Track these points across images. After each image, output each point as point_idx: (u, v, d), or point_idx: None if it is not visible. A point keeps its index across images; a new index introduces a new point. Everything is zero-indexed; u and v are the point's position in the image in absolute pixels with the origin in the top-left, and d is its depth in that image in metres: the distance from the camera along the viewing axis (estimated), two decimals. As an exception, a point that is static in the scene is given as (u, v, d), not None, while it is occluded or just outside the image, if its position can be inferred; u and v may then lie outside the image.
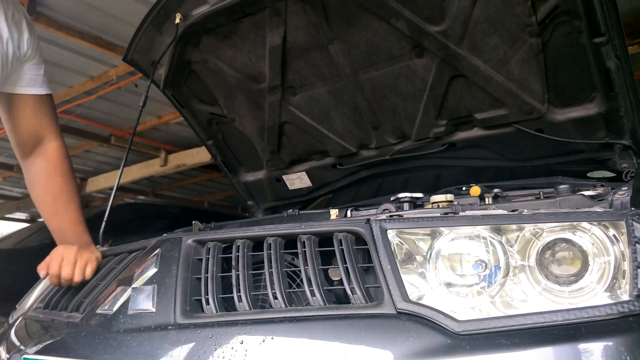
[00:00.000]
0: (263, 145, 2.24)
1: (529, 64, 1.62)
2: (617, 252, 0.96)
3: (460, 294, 1.03)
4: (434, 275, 1.04)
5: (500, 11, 1.53)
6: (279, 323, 1.04)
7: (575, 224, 1.01)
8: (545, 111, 1.71)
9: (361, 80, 1.88)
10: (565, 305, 0.96)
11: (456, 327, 0.93)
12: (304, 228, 1.18)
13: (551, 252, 1.01)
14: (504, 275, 1.02)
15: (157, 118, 6.09)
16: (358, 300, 1.04)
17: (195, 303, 1.15)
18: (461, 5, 1.55)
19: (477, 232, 1.05)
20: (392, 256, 1.04)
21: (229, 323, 1.07)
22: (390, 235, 1.07)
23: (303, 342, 0.99)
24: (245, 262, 1.16)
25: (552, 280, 0.99)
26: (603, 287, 0.96)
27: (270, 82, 1.95)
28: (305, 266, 1.11)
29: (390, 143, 2.06)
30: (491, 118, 1.82)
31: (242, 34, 1.83)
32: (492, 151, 1.97)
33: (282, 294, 1.09)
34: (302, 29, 1.78)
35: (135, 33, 1.87)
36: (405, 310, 0.98)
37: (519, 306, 1.00)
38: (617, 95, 1.57)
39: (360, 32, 1.75)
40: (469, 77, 1.72)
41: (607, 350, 0.87)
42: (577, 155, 1.81)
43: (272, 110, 2.08)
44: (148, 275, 1.23)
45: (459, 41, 1.63)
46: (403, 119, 1.95)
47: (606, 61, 1.51)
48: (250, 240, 1.21)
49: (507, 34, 1.57)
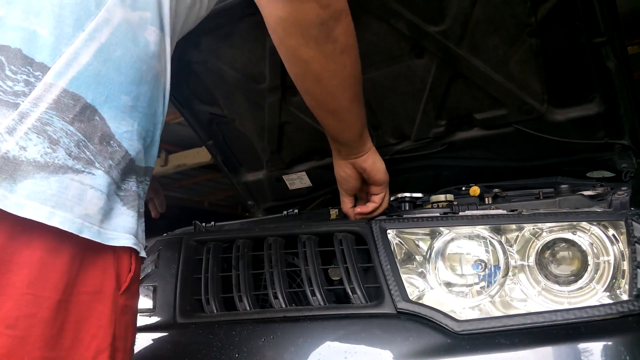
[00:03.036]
0: (263, 145, 2.24)
1: (528, 64, 1.62)
2: (617, 252, 0.96)
3: (460, 293, 1.03)
4: (434, 275, 1.05)
5: (500, 11, 1.54)
6: (279, 323, 1.04)
7: (574, 224, 1.01)
8: (544, 111, 1.72)
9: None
10: (564, 305, 0.97)
11: (456, 326, 0.94)
12: (304, 228, 1.18)
13: (551, 252, 1.02)
14: (504, 275, 1.02)
15: (157, 118, 6.08)
16: (358, 300, 1.04)
17: (195, 303, 1.16)
18: (461, 6, 1.55)
19: (476, 232, 1.05)
20: (392, 256, 1.05)
21: (229, 323, 1.07)
22: (390, 235, 1.07)
23: (303, 342, 0.99)
24: (246, 262, 1.16)
25: (551, 280, 1.00)
26: (602, 287, 0.96)
27: (271, 82, 1.95)
28: (305, 266, 1.12)
29: (390, 143, 2.06)
30: (491, 118, 1.82)
31: (242, 34, 1.83)
32: (492, 151, 1.97)
33: (282, 294, 1.09)
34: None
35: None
36: (405, 310, 0.98)
37: (518, 306, 1.00)
38: (616, 95, 1.58)
39: (359, 32, 1.73)
40: (468, 77, 1.72)
41: (607, 349, 0.87)
42: (576, 155, 1.81)
43: (272, 111, 2.08)
44: (148, 274, 1.23)
45: (458, 41, 1.63)
46: (403, 119, 1.96)
47: (606, 61, 1.51)
48: (251, 240, 1.21)
49: (507, 34, 1.57)
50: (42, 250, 0.71)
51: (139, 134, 0.82)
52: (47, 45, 0.74)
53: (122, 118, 0.79)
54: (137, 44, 0.80)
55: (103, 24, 0.76)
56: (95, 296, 0.76)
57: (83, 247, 0.75)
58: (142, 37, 0.81)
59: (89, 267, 0.76)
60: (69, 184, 0.73)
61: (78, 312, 0.74)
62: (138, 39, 0.80)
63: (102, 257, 0.77)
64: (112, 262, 0.79)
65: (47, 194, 0.71)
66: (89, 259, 0.76)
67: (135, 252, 0.82)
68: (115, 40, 0.78)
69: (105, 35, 0.77)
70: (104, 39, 0.77)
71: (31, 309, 0.70)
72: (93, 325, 0.76)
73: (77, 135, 0.74)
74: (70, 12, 0.75)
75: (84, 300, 0.75)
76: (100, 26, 0.76)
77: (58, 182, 0.72)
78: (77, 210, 0.73)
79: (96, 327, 0.76)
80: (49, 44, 0.74)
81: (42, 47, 0.73)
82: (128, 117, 0.80)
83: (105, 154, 0.77)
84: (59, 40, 0.74)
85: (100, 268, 0.77)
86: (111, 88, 0.77)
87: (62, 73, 0.74)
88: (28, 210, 0.69)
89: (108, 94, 0.77)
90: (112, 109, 0.78)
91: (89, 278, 0.76)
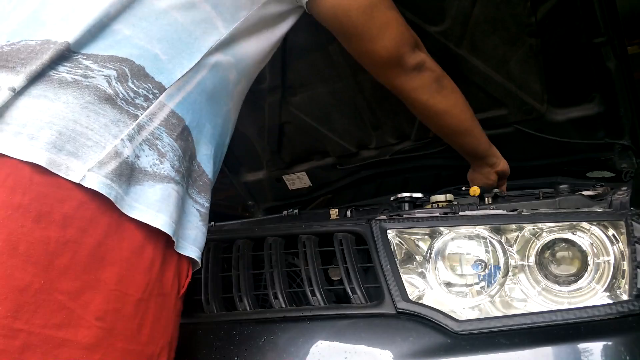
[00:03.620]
0: (263, 145, 2.24)
1: (528, 64, 1.62)
2: (617, 252, 0.96)
3: (460, 293, 1.03)
4: (434, 275, 1.05)
5: (500, 11, 1.54)
6: (279, 323, 1.04)
7: (574, 224, 1.01)
8: (544, 111, 1.72)
9: (361, 80, 1.88)
10: (564, 305, 0.96)
11: (456, 326, 0.94)
12: (304, 228, 1.19)
13: (551, 252, 1.02)
14: (504, 275, 1.02)
15: (157, 118, 6.08)
16: (358, 300, 1.04)
17: (195, 303, 1.15)
18: (461, 6, 1.55)
19: (476, 232, 1.05)
20: (392, 256, 1.05)
21: (229, 323, 1.07)
22: (390, 235, 1.07)
23: (303, 342, 0.99)
24: (246, 262, 1.16)
25: (551, 280, 1.00)
26: (602, 287, 0.96)
27: (270, 82, 1.95)
28: (305, 266, 1.12)
29: (390, 143, 2.06)
30: (491, 118, 1.82)
31: (242, 34, 1.83)
32: (492, 151, 1.97)
33: (282, 294, 1.09)
34: (302, 29, 1.78)
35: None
36: (405, 310, 0.98)
37: (518, 306, 1.00)
38: (616, 95, 1.58)
39: (360, 32, 1.75)
40: (468, 77, 1.72)
41: (607, 350, 0.87)
42: (576, 155, 1.81)
43: (272, 111, 2.08)
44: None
45: (458, 41, 1.63)
46: (403, 119, 1.96)
47: (606, 61, 1.51)
48: (251, 240, 1.21)
49: (507, 34, 1.57)
50: (129, 250, 0.78)
51: (213, 158, 0.97)
52: (166, 69, 0.86)
53: (204, 143, 0.93)
54: (223, 82, 0.95)
55: (203, 63, 0.90)
56: (166, 298, 0.85)
57: (162, 251, 0.83)
58: (227, 77, 0.96)
59: (165, 271, 0.84)
60: (171, 193, 0.83)
61: (154, 311, 0.82)
62: (224, 79, 0.95)
63: (174, 263, 0.86)
64: (178, 268, 0.87)
65: (152, 199, 0.81)
66: (166, 264, 0.84)
67: (195, 263, 0.92)
68: (210, 76, 0.91)
69: (206, 71, 0.91)
70: (204, 74, 0.90)
71: (117, 304, 0.76)
72: (162, 324, 0.84)
73: (179, 151, 0.86)
74: (186, 46, 0.88)
75: (158, 301, 0.83)
76: (204, 62, 0.90)
77: (162, 190, 0.82)
78: (174, 216, 0.84)
79: (164, 326, 0.85)
80: (168, 68, 0.86)
81: (161, 69, 0.85)
82: (208, 142, 0.94)
83: (190, 171, 0.90)
84: (175, 67, 0.87)
85: (172, 273, 0.86)
86: (201, 115, 0.91)
87: (173, 95, 0.86)
88: (137, 212, 0.78)
89: (199, 120, 0.90)
90: (198, 134, 0.91)
91: (164, 281, 0.84)
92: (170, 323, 0.87)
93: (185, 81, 0.87)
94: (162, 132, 0.83)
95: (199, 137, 0.91)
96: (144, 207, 0.79)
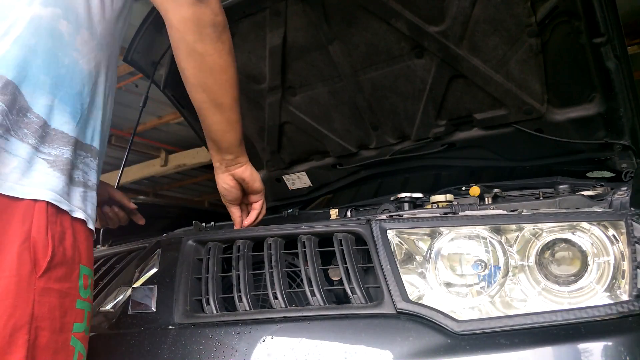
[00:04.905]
0: (263, 145, 2.24)
1: (528, 64, 1.62)
2: (617, 252, 0.96)
3: (460, 293, 1.03)
4: (434, 275, 1.05)
5: (499, 11, 1.54)
6: (279, 323, 1.04)
7: (574, 224, 1.01)
8: (544, 111, 1.72)
9: (361, 80, 1.88)
10: (564, 305, 0.96)
11: (456, 327, 0.94)
12: (304, 228, 1.18)
13: (551, 252, 1.01)
14: (504, 275, 1.02)
15: (157, 118, 6.09)
16: (358, 300, 1.04)
17: (195, 303, 1.15)
18: (461, 6, 1.55)
19: (476, 232, 1.05)
20: (392, 256, 1.05)
21: (229, 323, 1.07)
22: (390, 235, 1.07)
23: (303, 342, 0.99)
24: (246, 262, 1.16)
25: (551, 280, 1.00)
26: (602, 287, 0.96)
27: (270, 82, 1.95)
28: (305, 266, 1.12)
29: (390, 143, 2.06)
30: (491, 118, 1.82)
31: (242, 34, 1.83)
32: (492, 151, 1.97)
33: (282, 294, 1.09)
34: (302, 29, 1.79)
35: (135, 33, 1.87)
36: (405, 310, 0.98)
37: (518, 306, 1.00)
38: (616, 95, 1.58)
39: (360, 32, 1.75)
40: (468, 77, 1.72)
41: (607, 350, 0.87)
42: (576, 155, 1.81)
43: (272, 111, 2.08)
44: (148, 275, 1.23)
45: (458, 41, 1.64)
46: (403, 119, 1.96)
47: (605, 61, 1.51)
48: (251, 240, 1.21)
49: (507, 34, 1.57)
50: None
51: (61, 108, 0.94)
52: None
53: (42, 94, 0.91)
54: (51, 34, 0.93)
55: (16, 20, 0.90)
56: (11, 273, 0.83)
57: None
58: (57, 29, 0.94)
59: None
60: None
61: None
62: (53, 30, 0.93)
63: (20, 211, 0.85)
64: (24, 215, 0.85)
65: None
66: (5, 214, 0.83)
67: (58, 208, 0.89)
68: (29, 32, 0.91)
69: (20, 29, 0.90)
70: (19, 32, 0.90)
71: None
72: (9, 305, 0.82)
73: (1, 106, 0.85)
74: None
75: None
76: (15, 22, 0.90)
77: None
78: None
79: (12, 306, 0.82)
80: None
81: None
82: (48, 93, 0.92)
83: (21, 123, 0.88)
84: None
85: (19, 221, 0.85)
86: (29, 69, 0.90)
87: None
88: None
89: (27, 74, 0.90)
90: (30, 86, 0.90)
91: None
92: (24, 303, 0.84)
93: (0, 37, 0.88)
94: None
95: (30, 89, 0.90)
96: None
